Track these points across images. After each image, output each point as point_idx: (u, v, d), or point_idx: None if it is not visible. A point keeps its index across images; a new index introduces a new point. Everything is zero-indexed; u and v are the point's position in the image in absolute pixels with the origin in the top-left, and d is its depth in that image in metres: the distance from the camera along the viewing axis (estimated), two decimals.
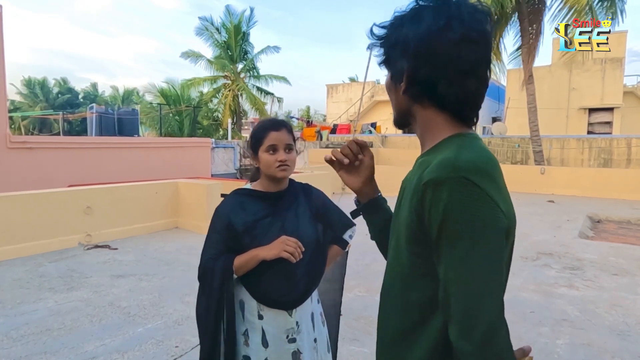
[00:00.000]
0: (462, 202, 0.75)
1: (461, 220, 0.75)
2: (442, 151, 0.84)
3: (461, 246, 0.75)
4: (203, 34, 24.61)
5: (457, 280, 0.76)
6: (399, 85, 0.92)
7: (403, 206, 0.90)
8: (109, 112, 14.43)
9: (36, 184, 7.38)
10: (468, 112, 0.91)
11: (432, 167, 0.80)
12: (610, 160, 15.09)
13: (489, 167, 0.81)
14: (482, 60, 0.87)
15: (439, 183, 0.77)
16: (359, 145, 1.13)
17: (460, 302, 0.76)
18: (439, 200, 0.77)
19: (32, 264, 5.08)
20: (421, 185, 0.80)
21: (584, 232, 7.46)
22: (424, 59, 0.86)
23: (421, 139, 0.96)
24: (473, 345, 0.74)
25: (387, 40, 0.94)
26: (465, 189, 0.76)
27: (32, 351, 3.05)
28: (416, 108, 0.93)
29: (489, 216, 0.76)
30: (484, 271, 0.75)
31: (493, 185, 0.79)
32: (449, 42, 0.84)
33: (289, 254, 1.44)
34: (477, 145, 0.86)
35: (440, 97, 0.87)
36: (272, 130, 1.53)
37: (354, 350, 3.09)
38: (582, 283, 4.62)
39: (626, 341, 3.31)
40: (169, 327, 3.46)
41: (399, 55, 0.91)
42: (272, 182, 1.58)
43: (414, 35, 0.87)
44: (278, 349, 1.52)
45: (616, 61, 20.33)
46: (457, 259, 0.76)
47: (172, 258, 5.43)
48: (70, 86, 39.66)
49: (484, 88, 0.90)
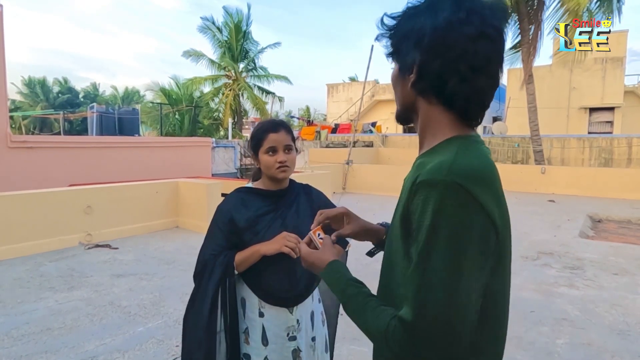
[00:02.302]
0: (451, 207, 0.74)
1: (445, 225, 0.74)
2: (441, 153, 0.83)
3: (439, 249, 0.74)
4: (206, 33, 24.66)
5: (424, 271, 0.75)
6: (407, 77, 0.89)
7: (397, 205, 0.91)
8: (109, 112, 14.45)
9: (36, 184, 7.38)
10: (475, 112, 0.88)
11: (428, 169, 0.79)
12: (611, 159, 15.09)
13: (486, 174, 0.80)
14: (496, 58, 0.85)
15: (431, 185, 0.76)
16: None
17: (419, 291, 0.76)
18: (428, 202, 0.76)
19: (33, 264, 5.08)
20: (415, 186, 0.79)
21: (584, 232, 7.46)
22: (438, 52, 0.83)
23: (421, 136, 0.94)
24: (413, 318, 0.75)
25: (399, 31, 0.91)
26: (456, 195, 0.74)
27: (32, 350, 3.05)
28: (421, 103, 0.90)
29: (476, 226, 0.75)
30: (453, 274, 0.74)
31: (487, 193, 0.77)
32: (467, 36, 0.81)
33: (290, 249, 1.45)
34: (477, 149, 0.85)
35: (448, 94, 0.85)
36: (270, 132, 1.55)
37: (354, 350, 3.09)
38: (582, 282, 4.62)
39: (626, 341, 3.31)
40: (169, 326, 3.47)
41: (410, 47, 0.87)
42: (273, 182, 1.61)
43: (430, 25, 0.84)
44: (278, 347, 1.52)
45: (617, 60, 20.33)
46: (433, 260, 0.75)
47: (173, 257, 5.43)
48: (70, 86, 39.67)
49: (494, 88, 0.88)
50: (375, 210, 8.63)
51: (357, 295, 0.91)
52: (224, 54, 25.02)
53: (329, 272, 1.01)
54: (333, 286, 0.98)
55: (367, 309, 0.87)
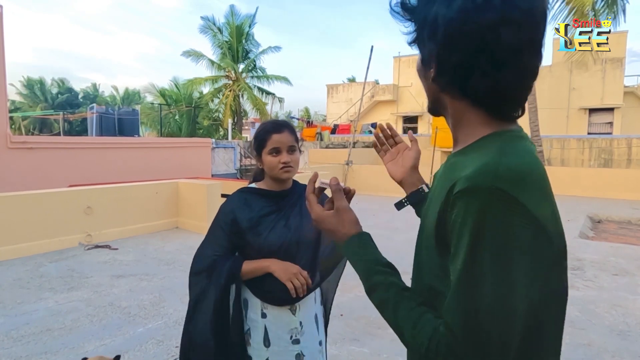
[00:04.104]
0: (494, 218, 0.65)
1: (490, 238, 0.66)
2: (481, 152, 0.73)
3: (485, 266, 0.66)
4: (206, 33, 24.69)
5: (470, 290, 0.67)
6: (429, 71, 0.80)
7: (431, 208, 0.81)
8: (109, 112, 14.44)
9: (36, 184, 7.38)
10: (507, 108, 0.77)
11: (468, 175, 0.69)
12: (611, 160, 15.10)
13: (534, 175, 0.70)
14: (526, 45, 0.72)
15: (471, 193, 0.67)
16: (388, 129, 1.20)
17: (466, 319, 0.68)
18: (468, 213, 0.67)
19: (33, 264, 5.08)
20: (454, 193, 0.70)
21: (584, 232, 7.46)
22: (455, 44, 0.73)
23: (454, 133, 0.85)
24: (462, 339, 0.67)
25: (417, 17, 0.80)
26: (499, 203, 0.65)
27: (32, 351, 3.05)
28: (447, 99, 0.81)
29: (524, 237, 0.66)
30: (501, 292, 0.66)
31: (537, 197, 0.69)
32: (486, 24, 0.70)
33: (294, 288, 1.46)
34: (522, 147, 0.74)
35: (472, 90, 0.75)
36: (274, 132, 1.54)
37: (354, 350, 3.09)
38: (582, 283, 4.61)
39: (626, 341, 3.31)
40: (169, 327, 3.46)
41: (427, 37, 0.78)
42: (277, 182, 1.60)
43: (445, 14, 0.73)
44: (281, 349, 1.51)
45: (616, 61, 20.36)
46: (479, 278, 0.67)
47: (172, 258, 5.43)
48: (70, 86, 39.68)
49: (530, 79, 0.76)
50: (375, 211, 8.64)
51: (388, 286, 0.81)
52: (224, 55, 25.04)
53: (352, 247, 0.89)
54: (357, 265, 0.87)
55: (401, 308, 0.78)
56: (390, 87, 27.07)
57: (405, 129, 26.72)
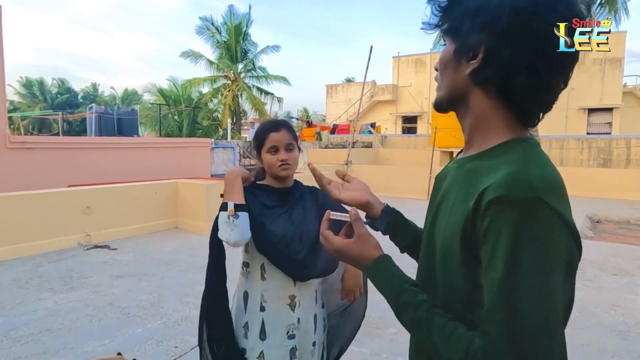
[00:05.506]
0: (534, 228, 0.64)
1: (530, 248, 0.64)
2: (504, 159, 0.71)
3: (526, 277, 0.64)
4: (204, 33, 24.67)
5: (511, 301, 0.65)
6: (464, 62, 0.76)
7: (449, 217, 0.77)
8: (108, 112, 14.42)
9: (36, 184, 7.37)
10: (537, 113, 0.76)
11: (501, 181, 0.66)
12: (610, 160, 15.11)
13: (561, 184, 0.69)
14: (573, 54, 0.73)
15: (509, 202, 0.65)
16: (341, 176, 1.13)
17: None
18: (504, 222, 0.65)
19: (32, 264, 5.07)
20: (485, 202, 0.67)
21: (583, 232, 7.46)
22: (514, 40, 0.70)
23: (469, 134, 0.81)
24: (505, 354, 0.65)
25: (461, 4, 0.76)
26: (539, 213, 0.64)
27: (31, 351, 3.05)
28: (477, 95, 0.77)
29: (562, 247, 0.66)
30: (544, 303, 0.65)
31: (566, 206, 0.68)
32: (553, 24, 0.69)
33: None
34: (544, 156, 0.73)
35: (514, 90, 0.72)
36: (272, 131, 1.58)
37: (354, 351, 3.09)
38: (582, 283, 4.61)
39: (626, 341, 3.31)
40: (169, 327, 3.46)
41: (476, 27, 0.73)
42: (277, 181, 1.63)
43: (510, 5, 0.69)
44: (276, 343, 1.52)
45: (615, 61, 20.39)
46: (521, 290, 0.65)
47: (172, 258, 5.42)
48: (69, 86, 39.65)
49: (563, 88, 0.75)
50: None
51: (416, 306, 0.77)
52: (222, 55, 25.04)
53: (377, 270, 0.85)
54: (383, 288, 0.84)
55: (433, 326, 0.75)
56: (390, 87, 27.08)
57: (404, 128, 26.73)
